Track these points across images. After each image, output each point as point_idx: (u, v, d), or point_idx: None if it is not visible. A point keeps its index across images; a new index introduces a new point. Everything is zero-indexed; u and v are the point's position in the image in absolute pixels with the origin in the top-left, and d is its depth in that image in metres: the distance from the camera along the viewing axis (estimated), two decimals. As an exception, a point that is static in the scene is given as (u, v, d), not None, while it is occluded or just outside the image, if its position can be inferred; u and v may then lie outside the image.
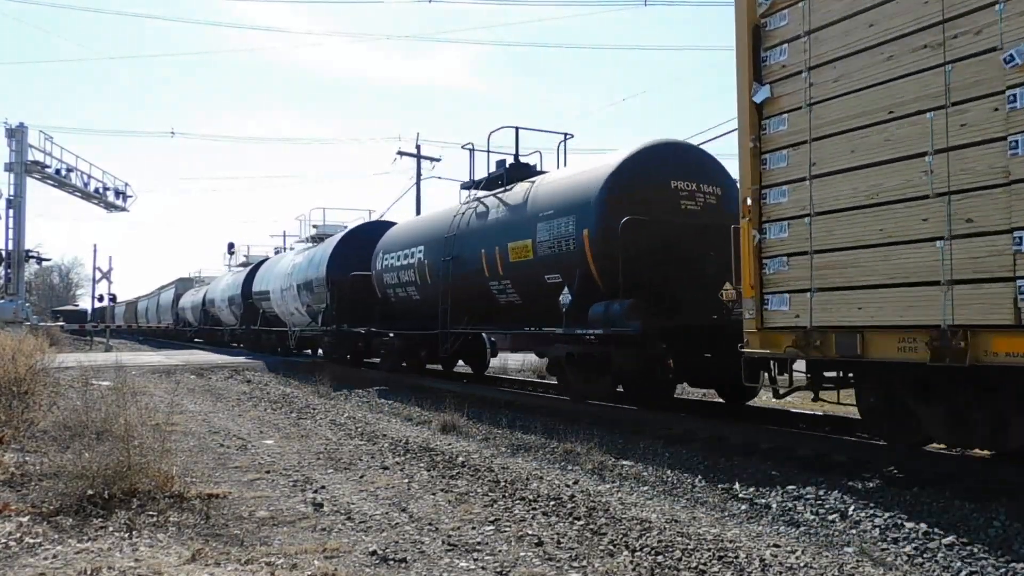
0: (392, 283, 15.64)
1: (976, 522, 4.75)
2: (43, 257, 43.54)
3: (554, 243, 10.56)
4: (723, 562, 4.21)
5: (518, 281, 11.45)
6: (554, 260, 10.54)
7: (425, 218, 15.89)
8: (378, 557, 4.30)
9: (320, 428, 9.46)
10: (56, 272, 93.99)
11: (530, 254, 10.98)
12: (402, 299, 15.50)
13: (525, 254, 11.09)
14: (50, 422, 8.51)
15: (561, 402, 10.85)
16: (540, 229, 10.82)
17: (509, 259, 11.41)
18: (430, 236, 14.19)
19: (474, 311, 12.98)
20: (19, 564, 4.15)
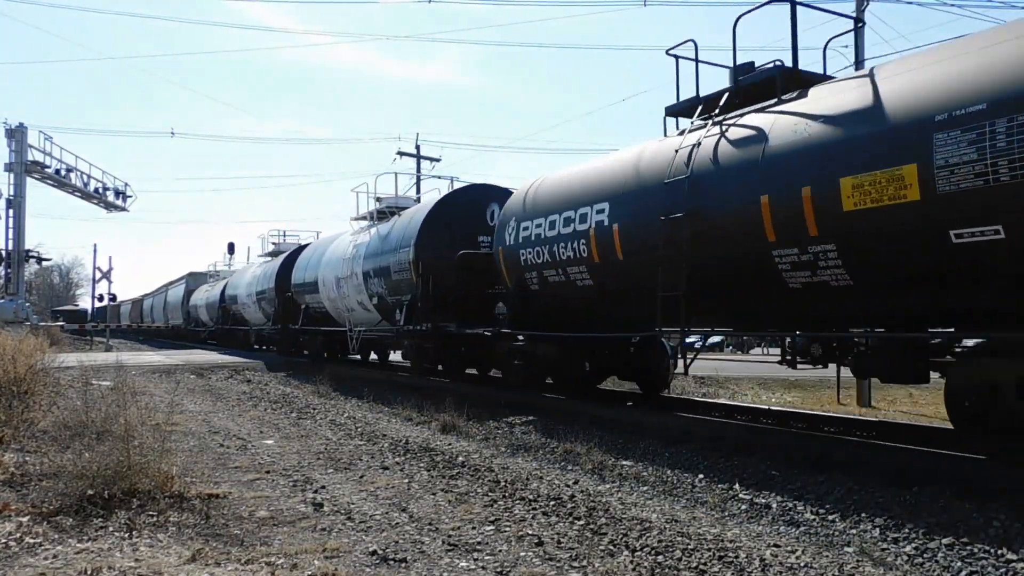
0: (536, 263, 10.63)
1: (976, 522, 4.75)
2: (43, 257, 43.52)
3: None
4: (723, 562, 4.21)
5: (859, 242, 6.52)
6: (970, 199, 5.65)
7: (599, 165, 10.05)
8: (378, 557, 4.31)
9: (320, 428, 9.46)
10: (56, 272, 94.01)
11: (909, 192, 5.99)
12: (554, 285, 10.42)
13: (894, 193, 6.10)
14: (50, 422, 8.51)
15: (561, 402, 10.85)
16: (949, 144, 5.74)
17: (840, 206, 6.52)
18: (620, 186, 9.20)
19: (724, 299, 8.11)
20: (19, 564, 4.16)
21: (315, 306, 20.71)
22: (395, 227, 15.50)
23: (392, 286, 15.11)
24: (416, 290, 13.96)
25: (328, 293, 19.00)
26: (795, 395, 14.31)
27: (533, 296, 11.01)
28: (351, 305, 17.64)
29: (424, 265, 13.76)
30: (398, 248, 14.80)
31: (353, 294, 17.21)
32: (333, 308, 19.15)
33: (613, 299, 9.63)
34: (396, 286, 14.95)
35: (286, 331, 23.60)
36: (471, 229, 13.88)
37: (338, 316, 19.07)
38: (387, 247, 15.43)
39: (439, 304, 13.45)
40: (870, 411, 11.46)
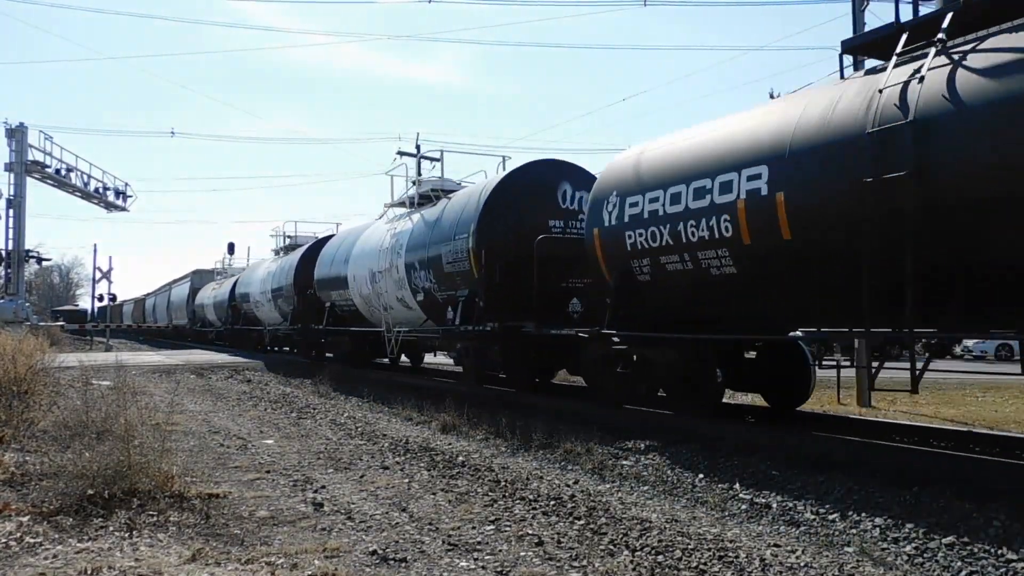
0: (649, 247, 8.49)
1: (976, 522, 4.75)
2: (43, 257, 43.55)
3: None
4: (723, 562, 4.22)
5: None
6: None
7: (747, 122, 7.81)
8: (378, 557, 4.31)
9: (320, 428, 9.47)
10: (56, 272, 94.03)
11: None
12: (675, 274, 8.30)
13: None
14: (50, 422, 8.51)
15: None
16: None
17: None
18: (784, 143, 7.10)
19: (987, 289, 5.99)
20: (19, 564, 4.16)
21: (343, 304, 18.46)
22: (446, 211, 13.20)
23: (443, 279, 12.82)
24: (476, 284, 11.74)
25: (359, 289, 16.74)
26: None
27: (642, 289, 8.86)
28: (388, 302, 15.34)
29: (488, 254, 11.52)
30: (453, 235, 12.38)
31: (392, 289, 14.88)
32: (365, 306, 16.91)
33: (766, 290, 7.48)
34: (448, 279, 12.65)
35: (307, 332, 21.11)
36: (540, 212, 11.77)
37: (371, 315, 16.89)
38: (437, 234, 13.06)
39: (507, 300, 11.29)
40: (870, 411, 11.47)
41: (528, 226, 11.57)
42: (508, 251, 11.48)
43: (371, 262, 15.95)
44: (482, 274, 11.52)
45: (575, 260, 10.77)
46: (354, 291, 17.14)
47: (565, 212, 11.87)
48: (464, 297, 12.20)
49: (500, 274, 11.40)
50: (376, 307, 16.22)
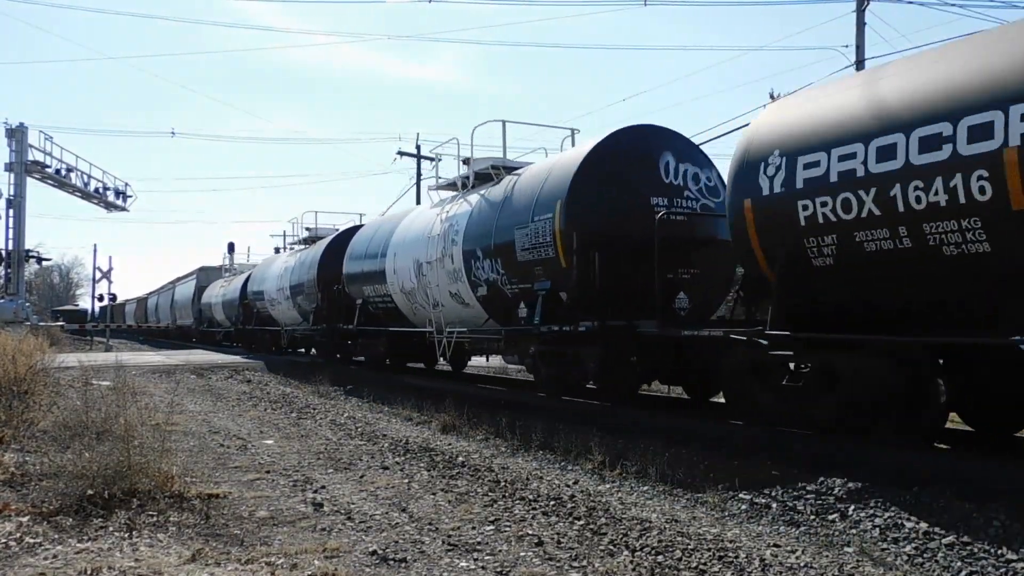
0: (839, 220, 6.50)
1: (976, 522, 4.75)
2: (43, 257, 43.57)
3: None
4: (723, 562, 4.22)
5: None
6: None
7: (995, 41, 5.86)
8: (378, 557, 4.31)
9: (320, 428, 9.47)
10: (56, 272, 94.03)
11: None
12: (877, 254, 6.31)
13: None
14: (50, 422, 8.51)
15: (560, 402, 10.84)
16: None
17: None
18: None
19: None
20: (19, 564, 4.16)
21: (378, 301, 16.33)
22: (518, 189, 11.17)
23: (515, 270, 10.77)
24: (562, 275, 9.79)
25: (401, 283, 14.66)
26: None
27: (818, 276, 6.87)
28: (439, 298, 13.14)
29: (581, 238, 9.43)
30: (530, 216, 10.34)
31: (444, 283, 12.75)
32: (407, 303, 14.75)
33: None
34: (523, 270, 10.59)
35: (334, 332, 19.01)
36: (641, 187, 9.80)
37: (414, 313, 14.74)
38: (507, 217, 10.98)
39: (603, 294, 9.35)
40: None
41: (627, 204, 9.63)
42: (604, 234, 9.45)
43: (417, 252, 13.82)
44: (572, 262, 9.50)
45: (685, 246, 9.55)
46: (394, 286, 15.05)
47: (669, 188, 9.92)
48: (545, 291, 10.17)
49: (601, 263, 9.31)
50: (422, 304, 13.98)
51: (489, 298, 11.70)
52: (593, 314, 9.43)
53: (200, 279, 38.13)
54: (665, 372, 10.37)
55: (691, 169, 10.16)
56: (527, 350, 11.22)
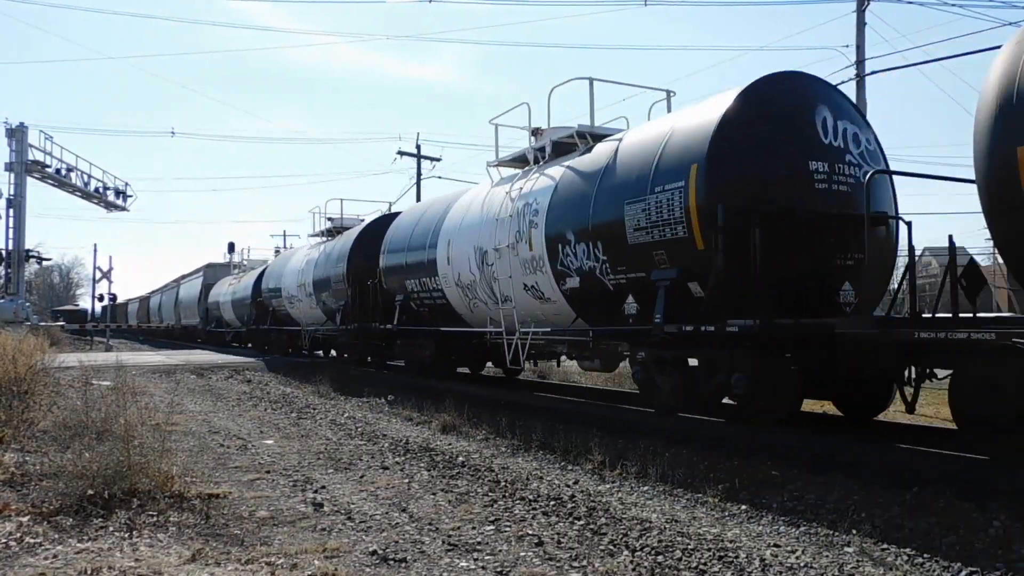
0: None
1: (976, 522, 4.75)
2: (43, 257, 43.56)
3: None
4: (723, 562, 4.22)
5: None
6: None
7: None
8: (378, 557, 4.31)
9: (320, 428, 9.47)
10: (56, 272, 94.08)
11: None
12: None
13: None
14: (50, 422, 8.51)
15: (561, 402, 10.85)
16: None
17: None
18: None
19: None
20: (19, 564, 4.16)
21: (424, 297, 14.13)
22: (625, 154, 8.97)
23: (624, 255, 8.63)
24: (697, 260, 7.74)
25: (456, 275, 12.54)
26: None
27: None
28: (510, 292, 11.06)
29: (730, 212, 7.38)
30: (650, 186, 8.19)
31: (517, 274, 10.78)
32: (463, 299, 12.65)
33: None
34: (637, 255, 8.43)
35: (367, 333, 16.73)
36: (795, 149, 7.81)
37: (471, 310, 12.64)
38: (612, 189, 8.87)
39: (764, 283, 7.33)
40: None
41: (781, 170, 7.70)
42: (757, 208, 7.41)
43: (479, 238, 11.78)
44: (715, 243, 7.46)
45: (850, 224, 7.60)
46: (447, 278, 12.92)
47: (828, 151, 7.88)
48: (669, 281, 8.05)
49: (763, 246, 7.26)
50: (483, 299, 11.98)
51: (580, 292, 9.62)
52: (745, 310, 7.30)
53: (207, 276, 36.25)
54: (824, 383, 8.30)
55: (850, 128, 8.15)
56: (635, 356, 8.89)
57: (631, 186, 8.57)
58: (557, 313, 10.40)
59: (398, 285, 15.13)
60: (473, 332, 12.71)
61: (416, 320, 14.85)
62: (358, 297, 16.88)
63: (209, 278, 35.93)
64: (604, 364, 10.23)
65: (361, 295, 16.74)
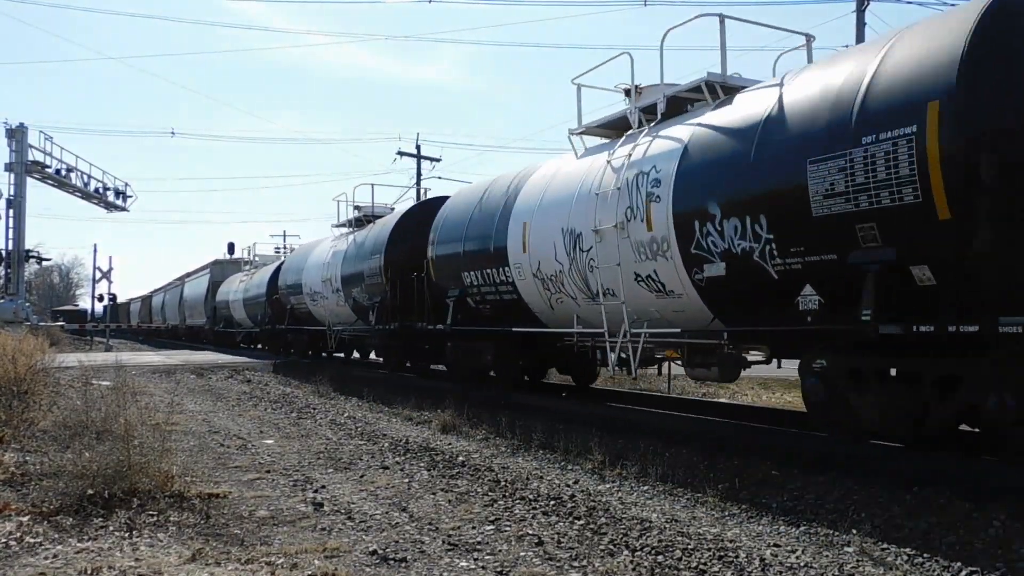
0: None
1: (976, 522, 4.75)
2: (43, 257, 43.51)
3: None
4: (723, 562, 4.22)
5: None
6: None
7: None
8: (378, 557, 4.31)
9: (320, 428, 9.47)
10: (56, 272, 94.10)
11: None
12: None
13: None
14: (50, 422, 8.51)
15: (561, 402, 10.85)
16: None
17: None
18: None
19: None
20: (19, 563, 4.16)
21: (487, 292, 11.91)
22: (796, 100, 6.90)
23: (803, 231, 6.60)
24: (940, 234, 5.61)
25: (536, 265, 10.36)
26: (795, 395, 14.31)
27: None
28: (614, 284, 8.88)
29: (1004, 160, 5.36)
30: (850, 136, 6.10)
31: (629, 261, 8.58)
32: (542, 294, 10.49)
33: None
34: (825, 230, 6.40)
35: (409, 333, 14.70)
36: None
37: (552, 308, 10.47)
38: (783, 144, 6.82)
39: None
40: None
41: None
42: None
43: (569, 218, 9.63)
44: (976, 212, 5.44)
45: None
46: (521, 269, 10.74)
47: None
48: (880, 265, 6.02)
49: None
50: (571, 294, 9.84)
51: (725, 282, 7.49)
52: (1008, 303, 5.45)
53: (214, 274, 34.11)
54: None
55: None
56: (809, 365, 7.00)
57: (818, 139, 6.41)
58: (681, 310, 8.23)
59: (452, 278, 12.75)
60: (556, 334, 10.59)
61: (472, 319, 12.62)
62: (398, 293, 14.73)
63: (216, 275, 33.88)
64: (724, 373, 8.25)
65: (402, 290, 14.60)
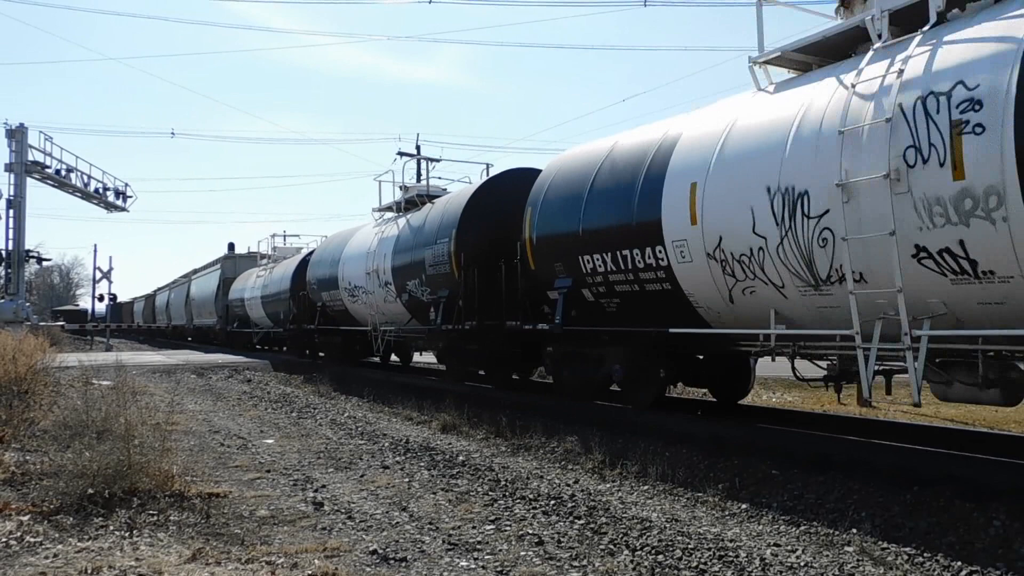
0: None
1: (976, 522, 4.75)
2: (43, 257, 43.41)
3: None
4: (723, 561, 4.22)
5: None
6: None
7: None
8: (378, 556, 4.31)
9: (320, 427, 9.47)
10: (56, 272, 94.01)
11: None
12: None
13: None
14: (50, 421, 8.52)
15: (560, 403, 10.82)
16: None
17: None
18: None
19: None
20: (20, 563, 4.16)
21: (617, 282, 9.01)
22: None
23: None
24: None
25: (718, 240, 7.52)
26: (795, 395, 14.31)
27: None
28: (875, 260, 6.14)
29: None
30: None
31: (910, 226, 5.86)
32: (718, 281, 7.67)
33: None
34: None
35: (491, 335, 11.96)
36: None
37: (729, 305, 7.75)
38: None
39: None
40: (870, 411, 11.47)
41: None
42: None
43: (779, 170, 6.91)
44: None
45: None
46: (685, 247, 7.87)
47: None
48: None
49: None
50: (775, 280, 7.10)
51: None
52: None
53: (226, 269, 31.43)
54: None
55: None
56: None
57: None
58: (1001, 301, 5.64)
59: (561, 265, 9.90)
60: (738, 335, 7.96)
61: (587, 317, 9.78)
62: (474, 284, 12.00)
63: (228, 271, 31.26)
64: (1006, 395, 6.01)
65: (480, 281, 11.95)
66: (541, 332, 10.51)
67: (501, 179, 13.08)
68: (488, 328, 11.85)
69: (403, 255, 14.52)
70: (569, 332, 9.96)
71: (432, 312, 13.29)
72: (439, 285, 13.05)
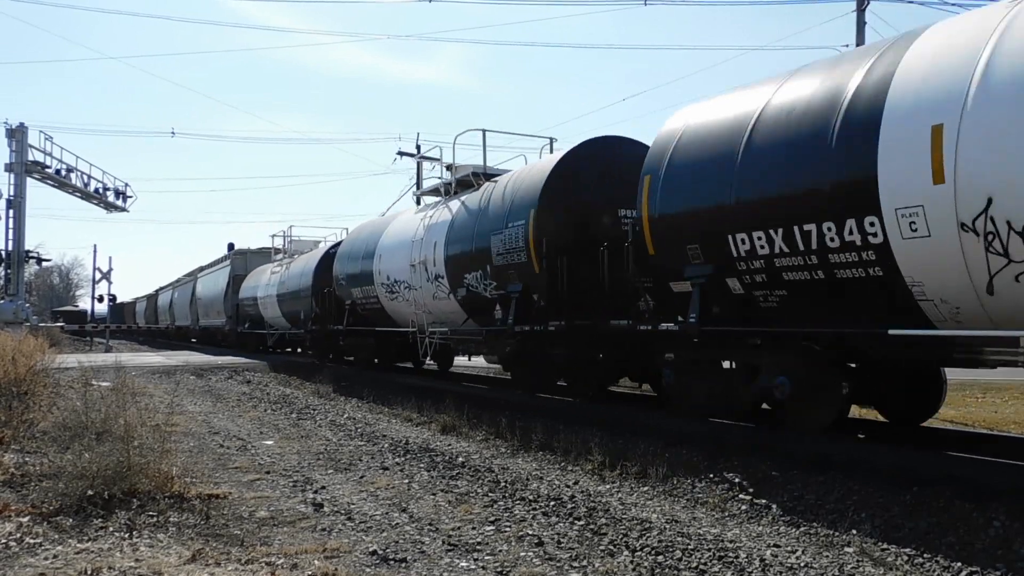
0: None
1: (976, 522, 4.75)
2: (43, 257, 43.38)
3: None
4: (723, 562, 4.21)
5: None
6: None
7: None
8: (378, 557, 4.31)
9: (320, 429, 9.46)
10: (56, 272, 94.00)
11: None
12: None
13: None
14: (50, 422, 8.51)
15: (561, 403, 10.82)
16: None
17: None
18: None
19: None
20: (19, 564, 4.16)
21: (789, 269, 6.85)
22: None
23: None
24: None
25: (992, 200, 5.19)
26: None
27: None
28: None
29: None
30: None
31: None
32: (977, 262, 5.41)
33: None
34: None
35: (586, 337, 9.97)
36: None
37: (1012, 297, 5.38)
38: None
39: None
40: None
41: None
42: None
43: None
44: None
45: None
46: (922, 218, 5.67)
47: None
48: None
49: None
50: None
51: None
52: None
53: (236, 266, 29.21)
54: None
55: None
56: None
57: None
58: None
59: (696, 248, 7.69)
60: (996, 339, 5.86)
61: (731, 315, 7.66)
62: (559, 277, 10.02)
63: (239, 268, 28.97)
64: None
65: (567, 273, 9.97)
66: (664, 334, 8.30)
67: (590, 146, 10.74)
68: (578, 329, 9.84)
69: (459, 244, 12.13)
70: (709, 333, 7.74)
71: (499, 310, 11.20)
72: (510, 278, 10.85)
